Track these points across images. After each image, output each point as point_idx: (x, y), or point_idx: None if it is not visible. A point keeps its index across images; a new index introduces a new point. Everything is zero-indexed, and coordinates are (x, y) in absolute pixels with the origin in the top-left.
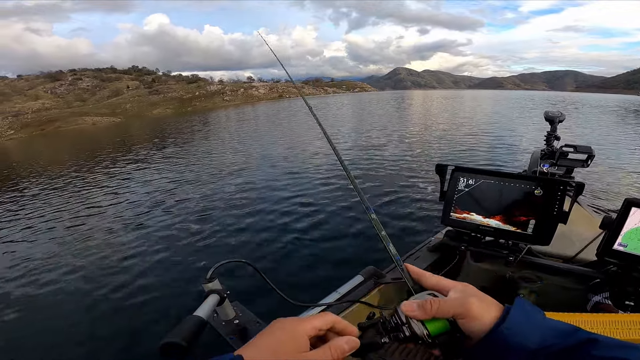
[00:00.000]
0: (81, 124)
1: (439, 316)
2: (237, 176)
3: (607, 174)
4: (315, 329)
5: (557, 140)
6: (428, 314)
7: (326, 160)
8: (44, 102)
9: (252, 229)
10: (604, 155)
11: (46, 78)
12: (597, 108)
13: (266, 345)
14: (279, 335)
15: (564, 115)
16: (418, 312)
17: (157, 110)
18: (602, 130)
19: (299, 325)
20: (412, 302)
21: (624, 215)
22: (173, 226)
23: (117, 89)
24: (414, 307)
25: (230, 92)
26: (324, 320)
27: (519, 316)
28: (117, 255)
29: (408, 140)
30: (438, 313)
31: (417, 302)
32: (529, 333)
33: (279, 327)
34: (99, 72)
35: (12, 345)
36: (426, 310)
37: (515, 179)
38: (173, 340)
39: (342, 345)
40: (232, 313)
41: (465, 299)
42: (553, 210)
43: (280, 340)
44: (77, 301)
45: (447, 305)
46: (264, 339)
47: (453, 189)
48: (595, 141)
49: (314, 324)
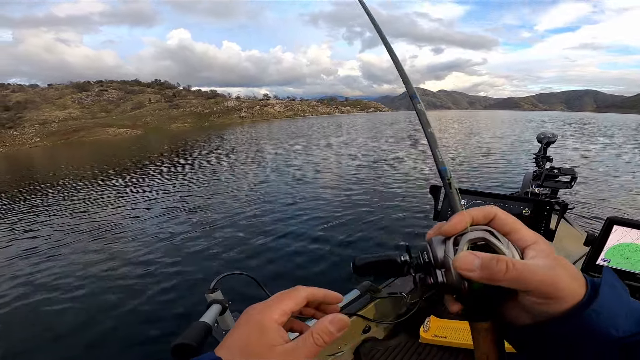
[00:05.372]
0: (103, 134)
1: (509, 285)
2: (248, 192)
3: (618, 193)
4: (286, 313)
5: (549, 162)
6: (494, 278)
7: (340, 179)
8: (70, 112)
9: (258, 242)
10: (617, 175)
11: (74, 88)
12: (622, 129)
13: (235, 343)
14: (246, 330)
15: (555, 136)
16: (479, 273)
17: (176, 125)
18: (619, 150)
19: (265, 314)
20: (472, 255)
21: (607, 233)
22: (182, 237)
23: (140, 102)
24: (474, 264)
25: (247, 109)
26: (295, 299)
27: (609, 296)
28: (125, 262)
29: (411, 162)
30: (512, 282)
31: (481, 256)
32: (618, 318)
33: (245, 320)
34: (124, 84)
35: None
36: (494, 273)
37: (505, 199)
38: (186, 342)
39: (326, 328)
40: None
41: (555, 270)
42: (540, 229)
43: (248, 336)
44: (87, 304)
45: (529, 276)
46: (234, 336)
47: (446, 209)
48: (608, 161)
49: (283, 309)
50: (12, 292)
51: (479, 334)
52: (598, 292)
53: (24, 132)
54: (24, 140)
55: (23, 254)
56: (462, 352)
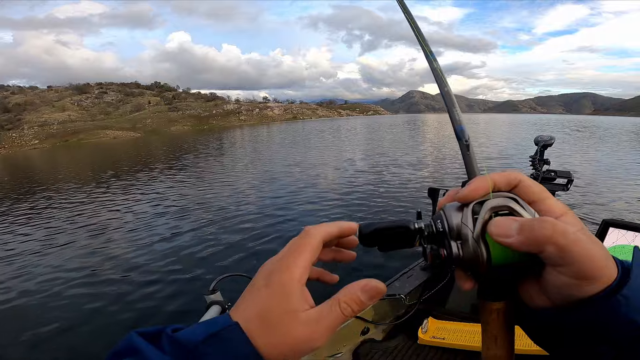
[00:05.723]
0: (102, 137)
1: (551, 254)
2: (247, 194)
3: (622, 196)
4: (307, 269)
5: (546, 164)
6: (538, 243)
7: (337, 183)
8: (69, 114)
9: (257, 243)
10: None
11: (74, 90)
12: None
13: (254, 308)
14: (265, 294)
15: (553, 139)
16: (518, 238)
17: (175, 127)
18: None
19: (285, 275)
20: (509, 219)
21: (602, 235)
22: (181, 238)
23: (139, 104)
24: (512, 227)
25: (246, 112)
26: (311, 247)
27: None
28: (124, 264)
29: (409, 167)
30: (557, 249)
31: (520, 219)
32: None
33: (263, 282)
34: (124, 86)
35: None
36: (537, 237)
37: None
38: None
39: (357, 297)
40: None
41: (594, 246)
42: None
43: (269, 301)
44: (83, 306)
45: (575, 245)
46: (252, 300)
47: None
48: (606, 164)
49: (303, 264)
50: (8, 290)
51: (490, 315)
52: (629, 276)
53: (23, 134)
54: (22, 142)
55: (15, 255)
56: (461, 354)
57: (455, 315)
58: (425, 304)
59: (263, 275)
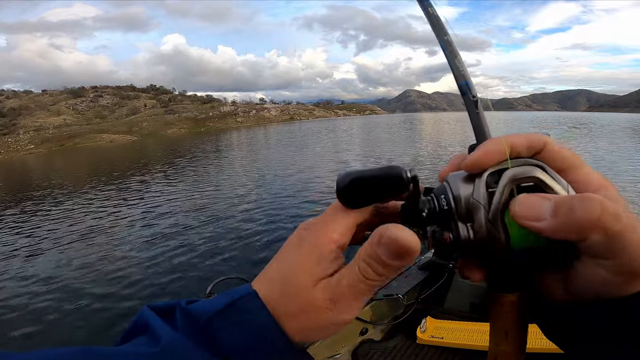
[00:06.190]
0: (99, 141)
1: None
2: (243, 197)
3: None
4: (351, 229)
5: None
6: (581, 228)
7: (332, 186)
8: (65, 118)
9: (253, 245)
10: None
11: (69, 94)
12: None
13: (278, 272)
14: (294, 256)
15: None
16: (554, 221)
17: (172, 130)
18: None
19: (321, 234)
20: (541, 198)
21: None
22: (177, 242)
23: (135, 107)
24: (544, 207)
25: (243, 114)
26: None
27: None
28: (119, 268)
29: (405, 166)
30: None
31: (554, 198)
32: None
33: (296, 242)
34: (119, 89)
35: None
36: (580, 220)
37: None
38: None
39: (374, 254)
40: None
41: None
42: None
43: (295, 263)
44: (76, 308)
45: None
46: (278, 263)
47: None
48: (602, 159)
49: (347, 222)
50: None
51: (502, 307)
52: None
53: (18, 138)
54: (18, 147)
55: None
56: (460, 353)
57: (453, 315)
58: (423, 304)
59: (298, 235)
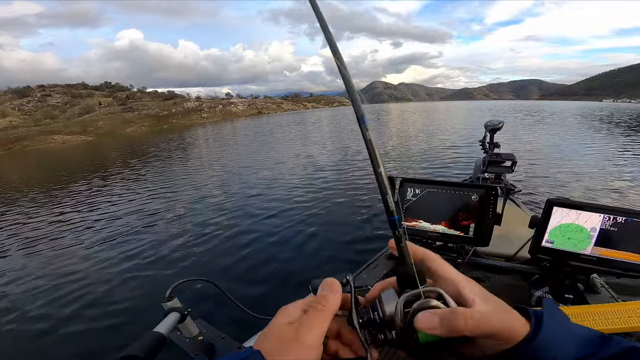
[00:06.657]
0: (50, 142)
1: (471, 334)
2: (206, 199)
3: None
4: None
5: (497, 148)
6: (456, 331)
7: (300, 180)
8: (11, 120)
9: (217, 247)
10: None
11: (13, 94)
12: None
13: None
14: (279, 319)
15: (501, 123)
16: (441, 330)
17: (132, 129)
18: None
19: (292, 304)
20: (431, 315)
21: (548, 214)
22: (135, 247)
23: (89, 106)
24: (435, 322)
25: (208, 109)
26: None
27: (552, 326)
28: (77, 272)
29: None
30: (472, 331)
31: (439, 314)
32: (564, 345)
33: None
34: (70, 88)
35: None
36: (454, 327)
37: (455, 186)
38: (133, 353)
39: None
40: (196, 330)
41: (505, 314)
42: (488, 214)
43: (278, 321)
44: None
45: (488, 323)
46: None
47: (402, 199)
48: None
49: (298, 303)
50: None
51: None
52: (541, 324)
53: None
54: None
55: None
56: None
57: None
58: None
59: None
